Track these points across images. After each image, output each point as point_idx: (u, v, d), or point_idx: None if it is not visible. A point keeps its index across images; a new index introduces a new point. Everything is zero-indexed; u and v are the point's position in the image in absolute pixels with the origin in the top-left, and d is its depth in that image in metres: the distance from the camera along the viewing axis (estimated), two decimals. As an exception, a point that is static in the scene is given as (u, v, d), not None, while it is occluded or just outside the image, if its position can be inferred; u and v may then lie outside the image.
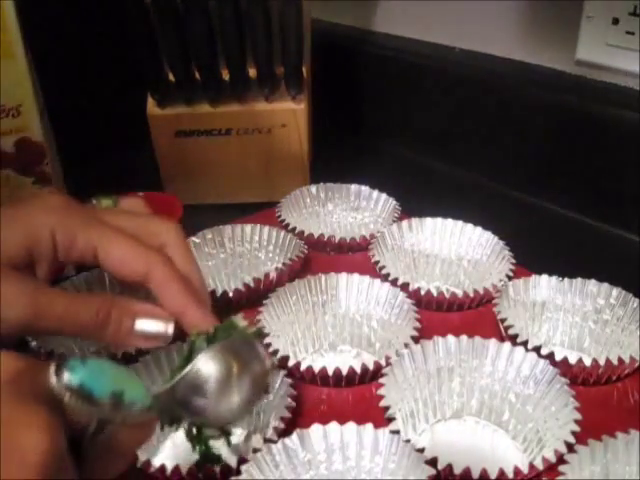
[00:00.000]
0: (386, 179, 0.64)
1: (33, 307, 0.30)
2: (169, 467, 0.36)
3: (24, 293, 0.30)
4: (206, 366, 0.33)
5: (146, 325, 0.29)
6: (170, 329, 0.30)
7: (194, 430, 0.34)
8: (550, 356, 0.42)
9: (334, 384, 0.44)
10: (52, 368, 0.23)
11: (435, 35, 0.76)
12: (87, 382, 0.24)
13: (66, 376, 0.23)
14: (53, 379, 0.23)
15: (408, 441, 0.36)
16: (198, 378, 0.33)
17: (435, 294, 0.50)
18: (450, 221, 0.56)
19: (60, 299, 0.31)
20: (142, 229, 0.35)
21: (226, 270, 0.57)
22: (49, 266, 0.34)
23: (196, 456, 0.38)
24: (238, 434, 0.42)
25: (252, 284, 0.50)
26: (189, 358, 0.33)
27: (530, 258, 0.53)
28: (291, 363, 0.44)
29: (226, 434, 0.34)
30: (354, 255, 0.58)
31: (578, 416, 0.38)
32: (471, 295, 0.50)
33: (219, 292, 0.50)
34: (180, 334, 0.34)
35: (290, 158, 0.68)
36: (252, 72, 0.66)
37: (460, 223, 0.56)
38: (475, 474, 0.35)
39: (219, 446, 0.36)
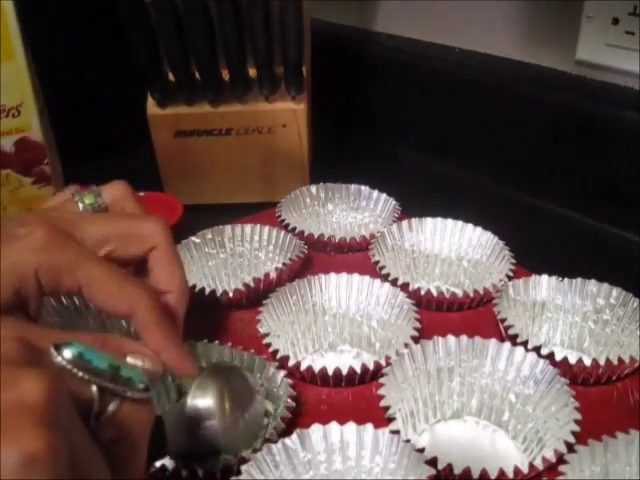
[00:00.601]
0: (386, 179, 0.64)
1: None
2: (169, 467, 0.36)
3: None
4: (200, 398, 0.34)
5: (137, 363, 0.30)
6: (160, 367, 0.31)
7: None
8: (550, 356, 0.42)
9: (334, 384, 0.44)
10: (52, 347, 0.24)
11: (435, 35, 0.76)
12: (85, 353, 0.25)
13: (66, 351, 0.24)
14: (54, 355, 0.24)
15: (408, 441, 0.36)
16: (198, 411, 0.34)
17: (435, 294, 0.50)
18: (450, 221, 0.56)
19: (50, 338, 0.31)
20: (131, 235, 0.36)
21: (226, 270, 0.57)
22: (37, 302, 0.34)
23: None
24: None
25: (252, 284, 0.50)
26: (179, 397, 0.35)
27: (530, 258, 0.53)
28: (291, 363, 0.44)
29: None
30: (354, 255, 0.58)
31: (578, 416, 0.38)
32: (471, 295, 0.50)
33: (219, 292, 0.50)
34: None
35: (290, 158, 0.68)
36: (252, 72, 0.66)
37: (460, 223, 0.56)
38: (475, 474, 0.35)
39: None
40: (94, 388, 0.24)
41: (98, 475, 0.23)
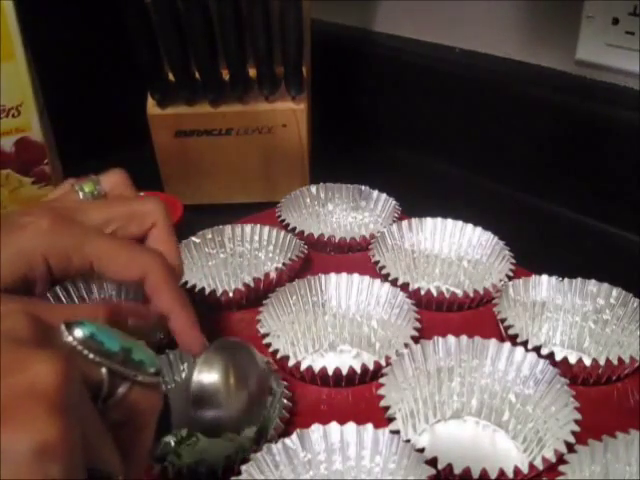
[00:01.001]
0: (386, 179, 0.64)
1: None
2: (170, 467, 0.36)
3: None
4: (206, 373, 0.34)
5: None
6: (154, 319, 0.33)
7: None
8: (550, 356, 0.42)
9: (334, 384, 0.44)
10: (62, 326, 0.24)
11: (435, 35, 0.76)
12: (97, 334, 0.24)
13: (77, 330, 0.24)
14: (65, 334, 0.24)
15: (408, 441, 0.36)
16: (203, 386, 0.33)
17: (435, 294, 0.50)
18: (450, 221, 0.56)
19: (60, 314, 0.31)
20: (132, 214, 0.37)
21: (226, 270, 0.57)
22: (45, 285, 0.35)
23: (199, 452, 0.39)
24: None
25: (252, 284, 0.50)
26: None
27: (530, 258, 0.53)
28: (291, 363, 0.44)
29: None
30: (354, 255, 0.58)
31: (578, 416, 0.38)
32: (471, 295, 0.50)
33: (219, 292, 0.50)
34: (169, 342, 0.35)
35: (290, 158, 0.68)
36: (252, 72, 0.66)
37: (460, 223, 0.56)
38: (475, 474, 0.35)
39: None
40: (104, 370, 0.24)
41: (107, 457, 0.23)
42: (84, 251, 0.34)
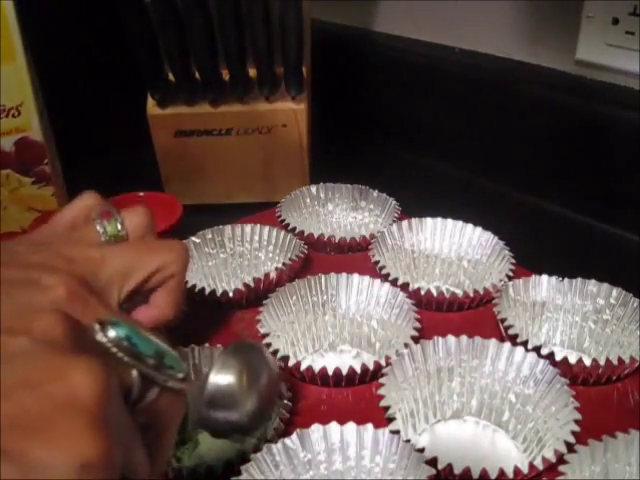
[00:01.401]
0: (386, 179, 0.64)
1: None
2: (169, 469, 0.36)
3: None
4: (223, 375, 0.34)
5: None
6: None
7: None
8: (550, 356, 0.42)
9: (334, 384, 0.44)
10: (96, 325, 0.23)
11: (435, 35, 0.76)
12: (132, 336, 0.24)
13: (112, 331, 0.23)
14: (99, 334, 0.23)
15: (408, 441, 0.36)
16: (218, 388, 0.33)
17: (435, 294, 0.50)
18: (450, 221, 0.56)
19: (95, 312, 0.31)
20: (156, 266, 0.35)
21: (226, 270, 0.57)
22: None
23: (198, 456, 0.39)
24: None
25: (252, 284, 0.50)
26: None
27: (530, 258, 0.53)
28: (291, 363, 0.44)
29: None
30: (354, 255, 0.58)
31: (578, 416, 0.38)
32: (471, 295, 0.50)
33: (219, 292, 0.50)
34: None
35: (290, 158, 0.68)
36: (252, 72, 0.66)
37: (460, 223, 0.56)
38: (475, 474, 0.35)
39: None
40: (135, 374, 0.23)
41: (140, 463, 0.23)
42: None
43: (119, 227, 0.36)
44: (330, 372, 0.43)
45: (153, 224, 0.38)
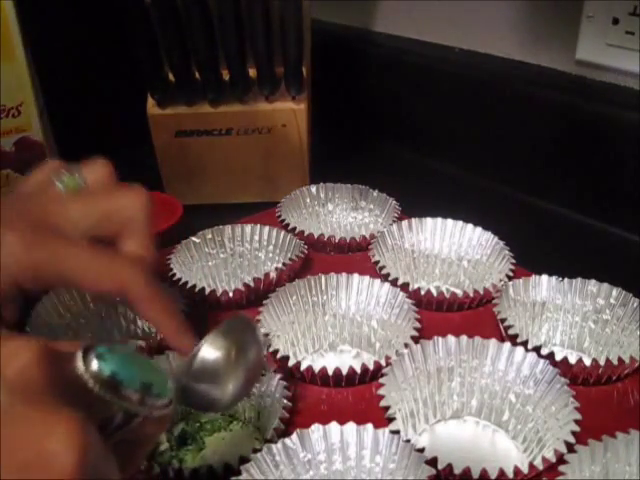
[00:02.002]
0: (386, 179, 0.64)
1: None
2: (170, 469, 0.36)
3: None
4: (210, 351, 0.34)
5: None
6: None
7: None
8: (550, 356, 0.42)
9: (334, 384, 0.44)
10: (79, 354, 0.22)
11: (435, 35, 0.76)
12: (118, 372, 0.22)
13: (95, 364, 0.22)
14: (80, 366, 0.22)
15: (408, 441, 0.36)
16: (205, 364, 0.33)
17: (435, 294, 0.50)
18: (450, 221, 0.56)
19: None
20: (110, 211, 0.36)
21: (226, 270, 0.57)
22: (14, 307, 0.34)
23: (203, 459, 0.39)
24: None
25: (252, 284, 0.50)
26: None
27: (530, 258, 0.53)
28: (291, 363, 0.44)
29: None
30: (354, 255, 0.58)
31: (578, 416, 0.38)
32: (471, 295, 0.50)
33: (219, 292, 0.50)
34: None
35: (290, 158, 0.68)
36: (252, 72, 0.66)
37: (460, 223, 0.56)
38: (475, 474, 0.35)
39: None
40: (119, 411, 0.22)
41: (110, 476, 0.22)
42: (57, 266, 0.33)
43: (78, 180, 0.37)
44: (330, 372, 0.43)
45: (112, 173, 0.39)
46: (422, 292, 0.50)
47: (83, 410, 0.21)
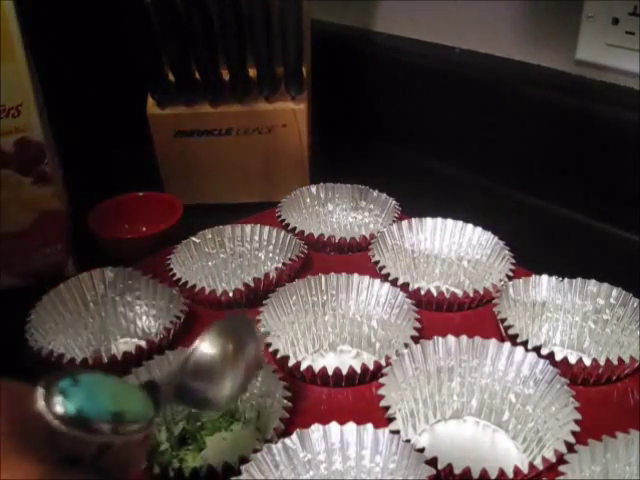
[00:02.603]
0: (386, 179, 0.64)
1: None
2: (170, 469, 0.36)
3: None
4: (207, 349, 0.33)
5: None
6: None
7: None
8: (550, 356, 0.42)
9: (334, 384, 0.44)
10: (40, 392, 0.20)
11: (435, 35, 0.76)
12: (84, 407, 0.21)
13: (59, 404, 0.20)
14: (42, 406, 0.20)
15: (408, 441, 0.36)
16: (201, 361, 0.33)
17: (435, 294, 0.50)
18: (450, 221, 0.57)
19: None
20: None
21: (226, 270, 0.57)
22: None
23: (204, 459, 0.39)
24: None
25: (252, 284, 0.50)
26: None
27: (530, 258, 0.53)
28: (291, 363, 0.44)
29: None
30: (354, 255, 0.58)
31: (578, 416, 0.38)
32: (471, 295, 0.50)
33: (219, 292, 0.50)
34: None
35: (290, 158, 0.68)
36: (252, 72, 0.66)
37: (460, 223, 0.56)
38: (475, 474, 0.35)
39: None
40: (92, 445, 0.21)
41: None
42: None
43: None
44: (330, 372, 0.43)
45: None
46: (422, 292, 0.50)
47: (49, 449, 0.19)
